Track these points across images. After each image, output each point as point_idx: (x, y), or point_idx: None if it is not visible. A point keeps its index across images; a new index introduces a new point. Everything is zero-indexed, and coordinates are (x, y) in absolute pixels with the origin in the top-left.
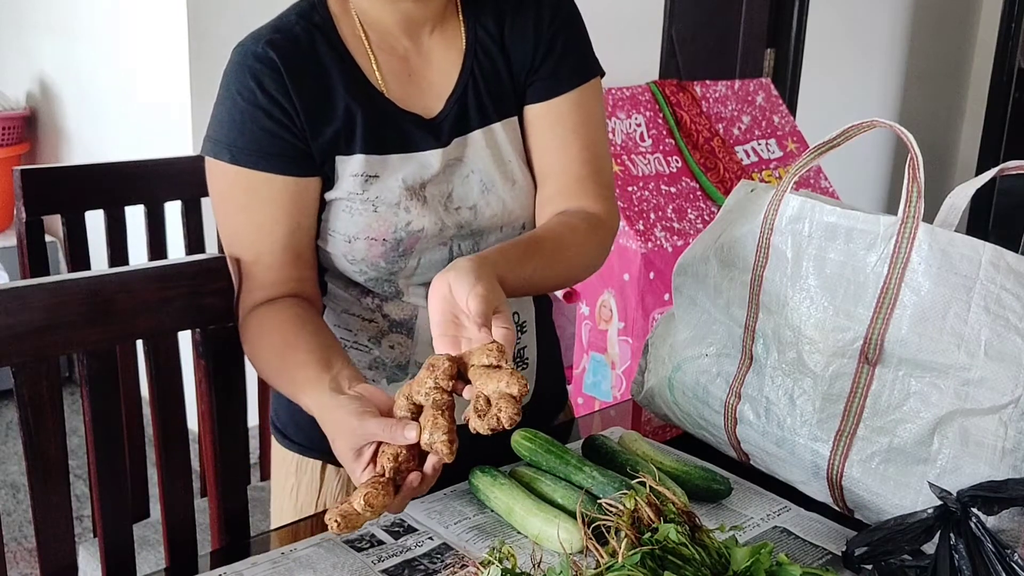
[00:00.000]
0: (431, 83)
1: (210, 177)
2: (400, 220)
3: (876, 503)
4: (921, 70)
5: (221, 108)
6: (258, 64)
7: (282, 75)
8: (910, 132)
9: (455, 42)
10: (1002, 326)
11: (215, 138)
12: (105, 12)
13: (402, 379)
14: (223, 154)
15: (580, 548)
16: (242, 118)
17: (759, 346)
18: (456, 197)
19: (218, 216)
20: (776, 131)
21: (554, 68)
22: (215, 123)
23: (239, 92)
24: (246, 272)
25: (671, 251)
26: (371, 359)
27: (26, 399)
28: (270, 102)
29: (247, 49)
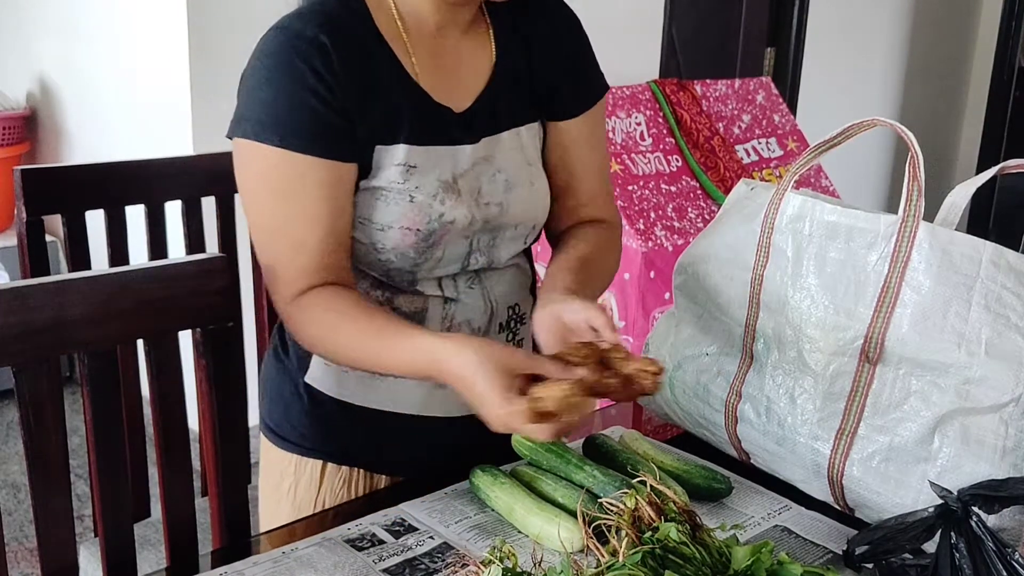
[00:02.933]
0: (460, 79)
1: (247, 161)
2: (435, 211)
3: (877, 502)
4: (921, 68)
5: (264, 90)
6: (308, 46)
7: (331, 58)
8: (910, 131)
9: (485, 46)
10: (1003, 325)
11: (258, 120)
12: (105, 12)
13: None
14: (269, 137)
15: (581, 547)
16: (290, 100)
17: (760, 345)
18: (484, 192)
19: (253, 203)
20: (776, 130)
21: (577, 87)
22: (256, 104)
23: (287, 73)
24: (287, 261)
25: (671, 250)
26: None
27: (27, 399)
28: (321, 85)
29: (294, 30)
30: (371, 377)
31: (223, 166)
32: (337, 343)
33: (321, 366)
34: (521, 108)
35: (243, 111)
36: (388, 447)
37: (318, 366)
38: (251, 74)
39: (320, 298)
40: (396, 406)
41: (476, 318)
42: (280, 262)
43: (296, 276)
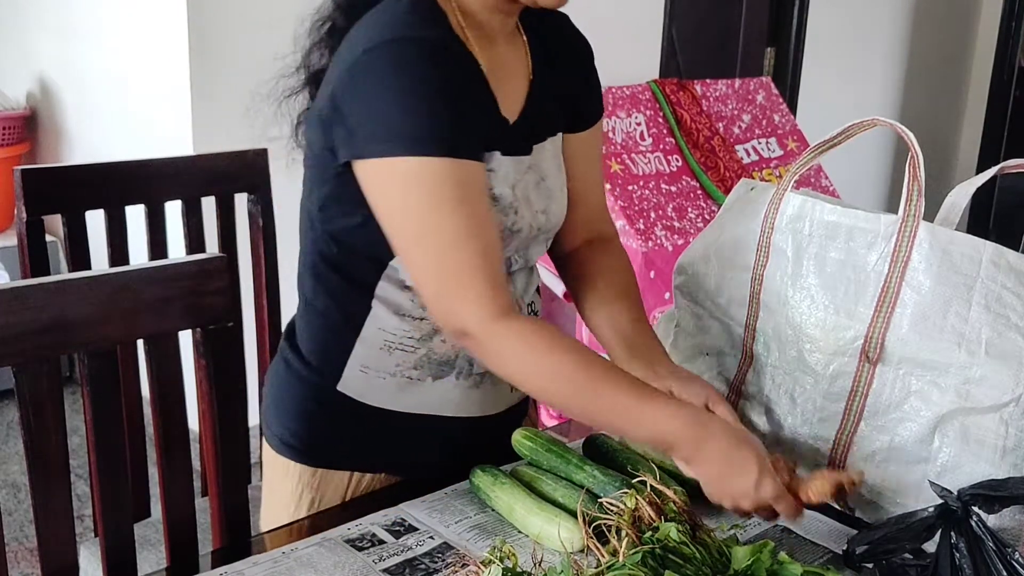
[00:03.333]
0: (509, 90)
1: (409, 178)
2: (509, 220)
3: (877, 502)
4: (921, 68)
5: (412, 103)
6: (440, 52)
7: (458, 64)
8: (910, 130)
9: (523, 59)
10: (1003, 325)
11: (412, 135)
12: (105, 12)
13: (448, 375)
14: (432, 149)
15: (581, 547)
16: (440, 109)
17: (760, 345)
18: (534, 201)
19: (425, 219)
20: (776, 130)
21: (590, 100)
22: (406, 119)
23: (429, 82)
24: (476, 271)
25: (671, 250)
26: (416, 359)
27: (27, 399)
28: (460, 88)
29: (419, 38)
30: (409, 382)
31: (223, 166)
32: (551, 378)
33: (357, 374)
34: (553, 118)
35: (389, 128)
36: (421, 450)
37: (353, 374)
38: (384, 90)
39: (532, 334)
40: (431, 409)
41: None
42: (467, 274)
43: (490, 287)
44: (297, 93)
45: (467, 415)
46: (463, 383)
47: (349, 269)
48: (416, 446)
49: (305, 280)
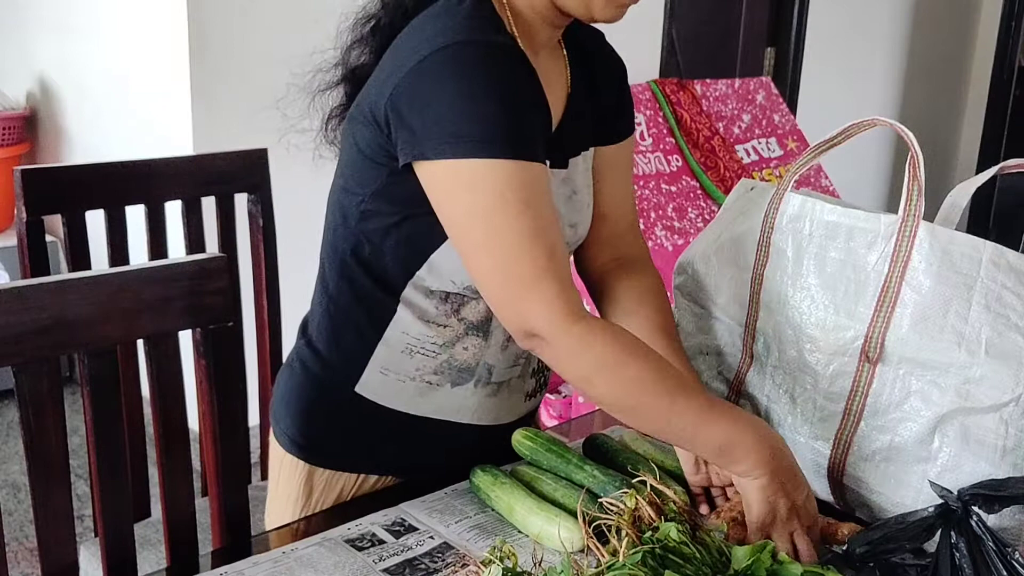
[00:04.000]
0: (552, 101)
1: (476, 180)
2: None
3: (877, 501)
4: (921, 68)
5: (481, 105)
6: (507, 55)
7: (524, 67)
8: (910, 130)
9: (562, 72)
10: (1003, 324)
11: (481, 137)
12: (105, 12)
13: (467, 382)
14: (501, 151)
15: (581, 547)
16: (508, 111)
17: (760, 345)
18: (565, 214)
19: (492, 221)
20: (776, 130)
21: (622, 116)
22: (478, 121)
23: (498, 84)
24: (546, 271)
25: (671, 250)
26: (437, 364)
27: (27, 399)
28: (527, 91)
29: (486, 41)
30: (428, 387)
31: (223, 166)
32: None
33: (377, 376)
34: (586, 133)
35: (458, 129)
36: (433, 455)
37: (373, 376)
38: (453, 90)
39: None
40: (448, 415)
41: None
42: (536, 276)
43: (560, 288)
44: (333, 88)
45: (481, 423)
46: (481, 391)
47: (379, 270)
48: (427, 451)
49: (330, 277)
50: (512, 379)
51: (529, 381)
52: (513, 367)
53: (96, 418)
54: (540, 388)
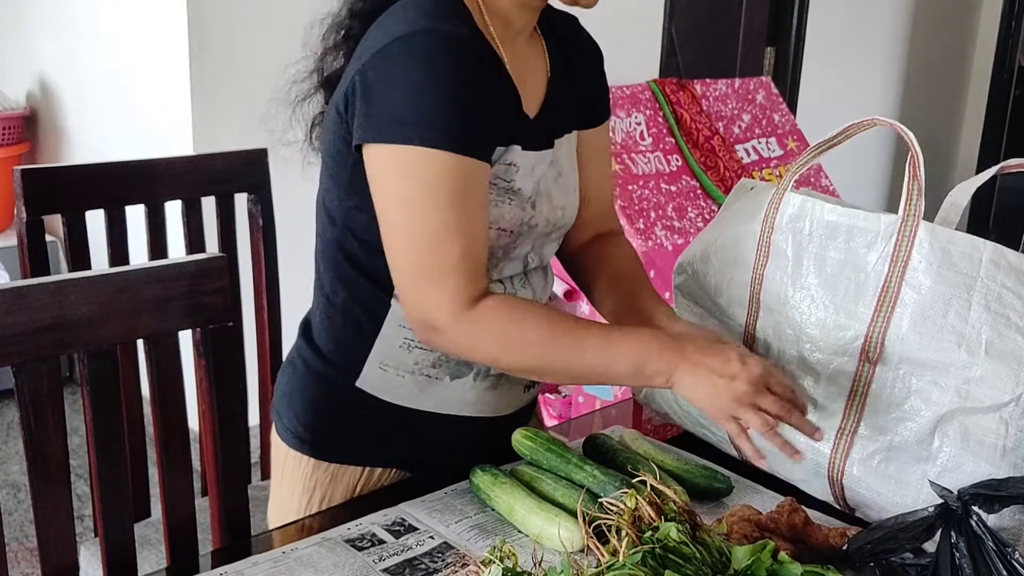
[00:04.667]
0: (527, 86)
1: (414, 167)
2: (527, 214)
3: (877, 501)
4: (921, 68)
5: (427, 94)
6: (462, 47)
7: (481, 61)
8: (910, 130)
9: (541, 56)
10: (1003, 324)
11: (426, 125)
12: (105, 12)
13: (466, 375)
14: (442, 142)
15: (581, 547)
16: (456, 103)
17: (760, 345)
18: (554, 196)
19: (420, 209)
20: (776, 129)
21: (600, 101)
22: (422, 109)
23: (449, 75)
24: (458, 263)
25: (671, 250)
26: (435, 357)
27: (27, 399)
28: (478, 85)
29: (443, 31)
30: (427, 380)
31: (223, 166)
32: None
33: (376, 371)
34: (569, 115)
35: (403, 116)
36: (433, 448)
37: (372, 371)
38: (406, 78)
39: (499, 311)
40: (447, 408)
41: None
42: (449, 266)
43: (468, 281)
44: (310, 97)
45: (481, 415)
46: (480, 384)
47: (369, 266)
48: (429, 444)
49: (324, 277)
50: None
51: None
52: None
53: (96, 418)
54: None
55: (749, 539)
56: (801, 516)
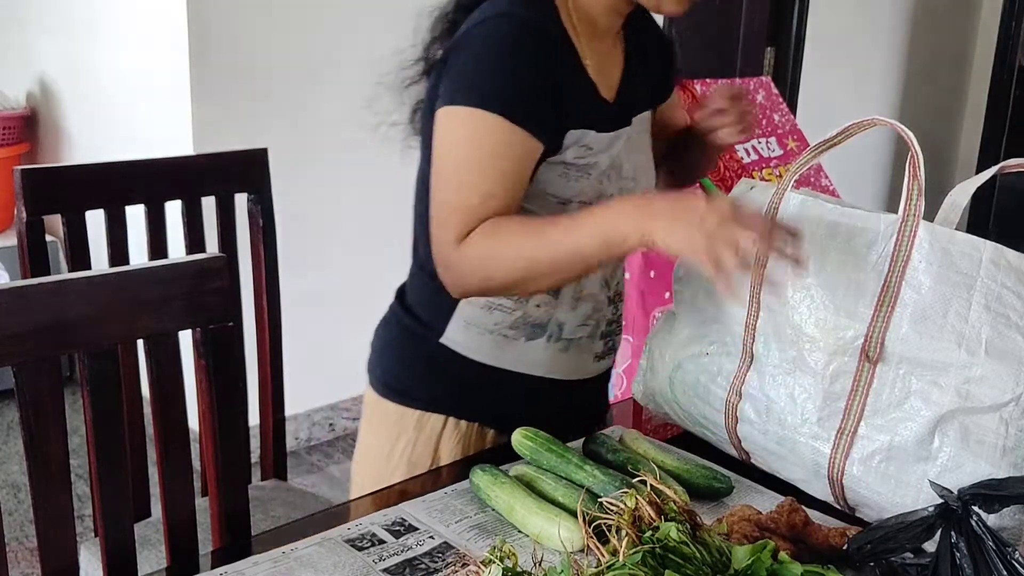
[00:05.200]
0: (605, 73)
1: (458, 123)
2: (604, 188)
3: (877, 501)
4: (921, 68)
5: (492, 64)
6: (533, 33)
7: (551, 45)
8: (910, 130)
9: (618, 44)
10: (1003, 324)
11: (488, 94)
12: (105, 12)
13: (540, 337)
14: (493, 105)
15: (581, 547)
16: (516, 79)
17: (760, 344)
18: (625, 171)
19: (457, 158)
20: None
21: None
22: (483, 75)
23: (516, 56)
24: (470, 208)
25: None
26: (513, 319)
27: (27, 399)
28: (542, 69)
29: (520, 17)
30: (505, 340)
31: (223, 166)
32: (505, 254)
33: (459, 329)
34: (642, 95)
35: (470, 84)
36: (509, 404)
37: (456, 329)
38: (479, 54)
39: (479, 233)
40: (522, 367)
41: (597, 292)
42: (463, 208)
43: (470, 220)
44: (416, 83)
45: (554, 377)
46: (553, 346)
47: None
48: (505, 401)
49: (420, 244)
50: (582, 338)
51: (598, 343)
52: (582, 326)
53: (96, 418)
54: (609, 351)
55: (749, 539)
56: (801, 516)
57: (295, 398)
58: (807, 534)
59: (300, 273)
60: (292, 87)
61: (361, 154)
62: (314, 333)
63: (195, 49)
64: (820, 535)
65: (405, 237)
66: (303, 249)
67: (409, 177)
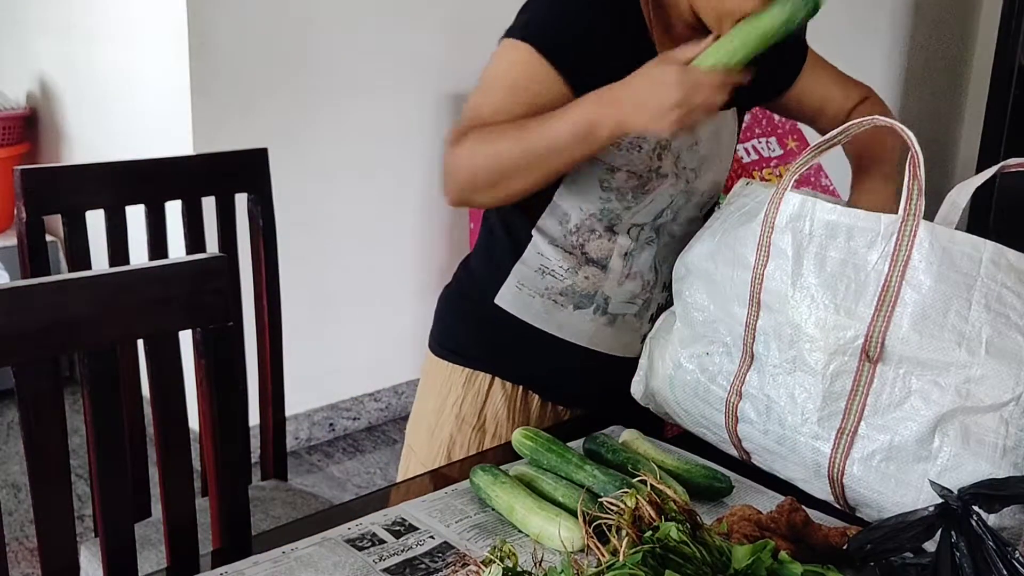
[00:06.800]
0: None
1: (500, 53)
2: (654, 163)
3: (877, 501)
4: (921, 68)
5: (549, 12)
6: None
7: (610, 9)
8: (910, 130)
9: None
10: (1003, 324)
11: (533, 27)
12: (105, 12)
13: (587, 307)
14: (534, 40)
15: (581, 547)
16: (566, 23)
17: (760, 344)
18: (683, 158)
19: (483, 78)
20: (776, 129)
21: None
22: (541, 16)
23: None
24: (482, 113)
25: None
26: (563, 286)
27: (27, 399)
28: (595, 23)
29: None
30: (554, 305)
31: (223, 166)
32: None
33: (513, 290)
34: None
35: (525, 19)
36: (553, 371)
37: (510, 289)
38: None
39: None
40: (568, 335)
41: (646, 272)
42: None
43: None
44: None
45: (598, 349)
46: (599, 318)
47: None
48: (550, 367)
49: (490, 214)
50: (628, 315)
51: (647, 324)
52: (629, 303)
53: (96, 418)
54: None
55: (749, 539)
56: (801, 515)
57: (295, 398)
58: (807, 534)
59: (300, 273)
60: (292, 87)
61: (361, 154)
62: (314, 333)
63: (195, 49)
64: (820, 535)
65: (405, 237)
66: (303, 249)
67: (410, 178)
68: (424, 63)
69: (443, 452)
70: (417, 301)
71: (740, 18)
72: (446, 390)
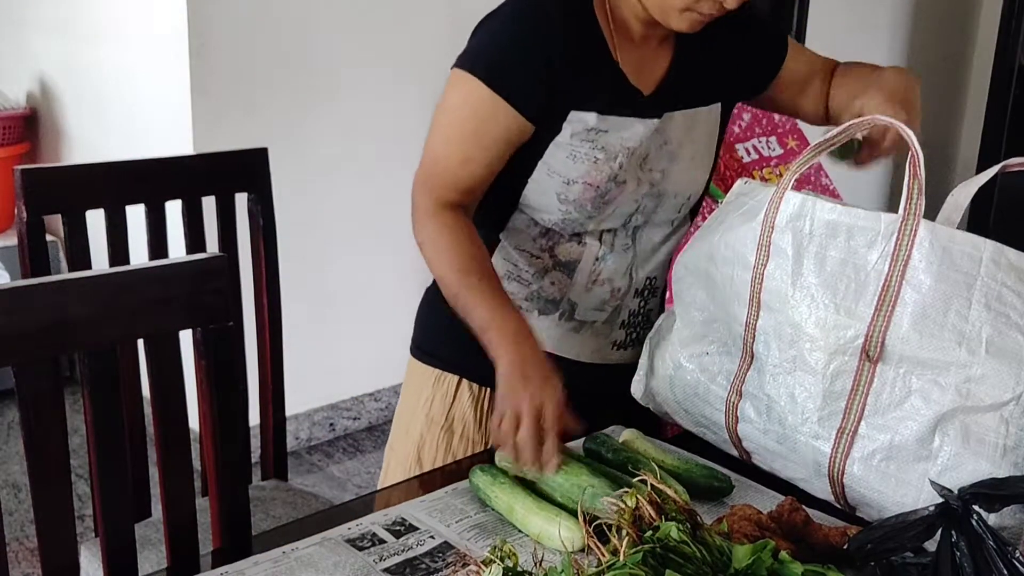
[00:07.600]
0: (648, 69)
1: (453, 86)
2: (612, 173)
3: (877, 501)
4: (921, 68)
5: (497, 34)
6: (544, 17)
7: (559, 32)
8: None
9: (669, 41)
10: (1003, 323)
11: (484, 60)
12: (105, 12)
13: (552, 313)
14: (481, 73)
15: (581, 546)
16: (515, 55)
17: (760, 344)
18: (650, 159)
19: (448, 118)
20: (777, 128)
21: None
22: (485, 42)
23: (521, 34)
24: (451, 167)
25: None
26: (528, 292)
27: (27, 399)
28: (543, 52)
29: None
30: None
31: (223, 166)
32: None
33: None
34: (696, 94)
35: (477, 49)
36: None
37: None
38: (492, 25)
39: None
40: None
41: (617, 279)
42: (445, 166)
43: (447, 183)
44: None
45: (562, 355)
46: (564, 324)
47: (483, 208)
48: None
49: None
50: (597, 322)
51: (618, 331)
52: (598, 311)
53: (96, 418)
54: (632, 342)
55: (750, 538)
56: (801, 515)
57: (295, 398)
58: (807, 533)
59: (300, 273)
60: (292, 87)
61: (361, 154)
62: (314, 333)
63: (195, 49)
64: (820, 534)
65: (405, 237)
66: (303, 249)
67: (409, 178)
68: (424, 63)
69: (413, 452)
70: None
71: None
72: (419, 391)
